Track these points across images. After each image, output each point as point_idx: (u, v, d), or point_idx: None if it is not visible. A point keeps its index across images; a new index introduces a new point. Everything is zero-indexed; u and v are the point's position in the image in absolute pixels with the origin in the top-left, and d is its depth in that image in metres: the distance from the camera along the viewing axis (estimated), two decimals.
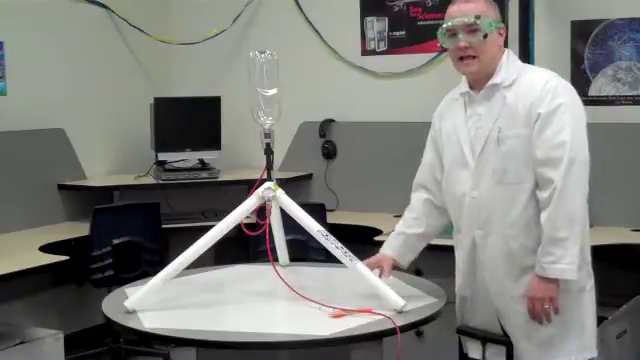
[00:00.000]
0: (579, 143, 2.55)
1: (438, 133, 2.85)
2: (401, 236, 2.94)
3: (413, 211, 2.95)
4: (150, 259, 4.49)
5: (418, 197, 2.94)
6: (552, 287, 2.55)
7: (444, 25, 2.68)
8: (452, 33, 2.66)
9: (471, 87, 2.74)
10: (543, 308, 2.56)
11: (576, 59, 4.48)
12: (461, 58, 2.66)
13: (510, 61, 2.70)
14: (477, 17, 2.61)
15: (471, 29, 2.62)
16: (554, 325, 2.61)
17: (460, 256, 2.81)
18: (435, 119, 2.89)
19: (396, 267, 2.92)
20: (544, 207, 2.54)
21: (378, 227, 4.39)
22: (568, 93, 2.61)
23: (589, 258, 2.71)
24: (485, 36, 2.62)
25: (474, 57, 2.64)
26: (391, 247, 2.93)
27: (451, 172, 2.77)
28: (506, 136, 2.62)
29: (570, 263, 2.51)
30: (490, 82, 2.67)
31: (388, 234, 4.18)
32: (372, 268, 2.81)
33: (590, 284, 2.70)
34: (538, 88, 2.59)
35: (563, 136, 2.52)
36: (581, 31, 4.47)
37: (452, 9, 2.68)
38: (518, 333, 2.68)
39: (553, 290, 2.55)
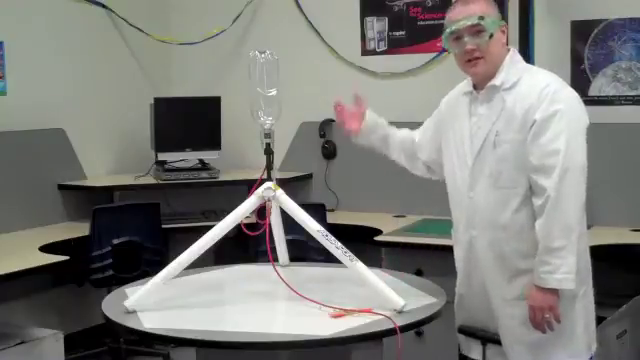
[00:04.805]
0: (574, 151, 2.52)
1: (442, 117, 2.87)
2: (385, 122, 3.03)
3: (405, 133, 3.04)
4: (150, 259, 4.49)
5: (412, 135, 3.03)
6: (551, 296, 2.54)
7: (448, 30, 2.65)
8: (457, 37, 2.64)
9: (474, 87, 2.73)
10: (544, 317, 2.55)
11: (576, 59, 4.48)
12: (468, 60, 2.65)
13: (513, 62, 2.68)
14: (481, 18, 2.60)
15: (476, 30, 2.61)
16: None
17: (458, 254, 2.82)
18: (443, 103, 2.91)
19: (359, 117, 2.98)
20: (538, 215, 2.53)
21: (378, 227, 4.40)
22: (567, 99, 2.58)
23: (587, 264, 2.70)
24: (491, 36, 2.61)
25: (481, 58, 2.63)
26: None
27: (454, 169, 2.78)
28: (502, 139, 2.61)
29: (567, 272, 2.50)
30: (490, 83, 2.66)
31: (388, 234, 4.25)
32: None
33: (583, 290, 2.67)
34: (536, 93, 2.57)
35: (558, 144, 2.50)
36: (581, 31, 4.46)
37: (454, 12, 2.66)
38: (509, 336, 2.68)
39: (552, 299, 2.54)
